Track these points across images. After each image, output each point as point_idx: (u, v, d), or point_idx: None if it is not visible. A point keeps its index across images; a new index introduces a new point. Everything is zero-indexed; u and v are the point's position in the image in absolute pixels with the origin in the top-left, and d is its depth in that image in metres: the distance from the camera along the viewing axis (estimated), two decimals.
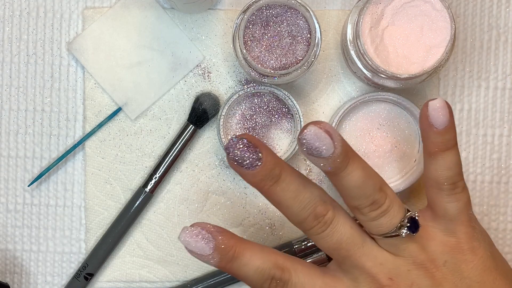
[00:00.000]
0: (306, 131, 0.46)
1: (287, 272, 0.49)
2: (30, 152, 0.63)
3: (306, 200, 0.48)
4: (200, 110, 0.60)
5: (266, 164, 0.47)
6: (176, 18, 0.62)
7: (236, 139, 0.46)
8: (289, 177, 0.48)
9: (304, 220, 0.48)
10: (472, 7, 0.63)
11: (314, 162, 0.48)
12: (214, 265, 0.49)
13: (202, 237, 0.48)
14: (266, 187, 0.48)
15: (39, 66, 0.63)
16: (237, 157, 0.46)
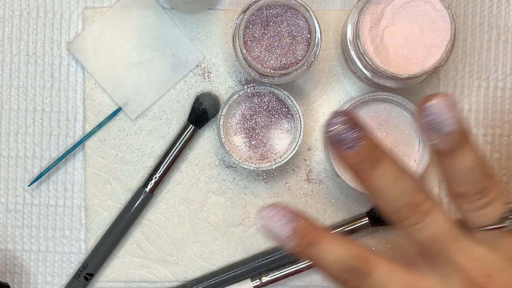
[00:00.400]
0: (435, 100, 0.43)
1: (369, 264, 0.46)
2: (30, 152, 0.63)
3: (404, 187, 0.45)
4: (200, 110, 0.60)
5: (366, 145, 0.44)
6: (176, 18, 0.62)
7: (339, 115, 0.43)
8: (388, 161, 0.45)
9: (399, 209, 0.45)
10: (472, 7, 0.63)
11: (430, 137, 0.44)
12: (291, 248, 0.46)
13: (282, 217, 0.45)
14: (364, 169, 0.44)
15: (39, 66, 0.63)
16: (338, 135, 0.43)
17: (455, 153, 0.45)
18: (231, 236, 0.63)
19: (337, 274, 0.46)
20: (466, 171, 0.45)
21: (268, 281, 0.61)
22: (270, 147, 0.60)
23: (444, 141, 0.44)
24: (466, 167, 0.45)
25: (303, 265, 0.61)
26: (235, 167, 0.63)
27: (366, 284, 0.46)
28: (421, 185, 0.46)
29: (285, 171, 0.63)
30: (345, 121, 0.43)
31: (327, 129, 0.43)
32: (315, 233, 0.46)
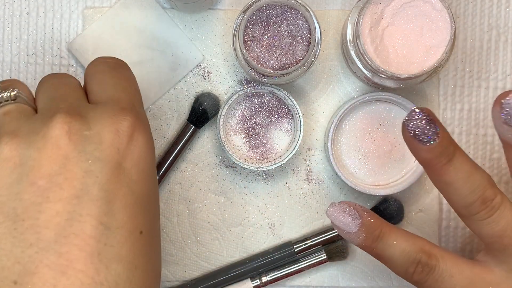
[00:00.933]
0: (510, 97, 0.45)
1: (434, 258, 0.48)
2: None
3: (477, 182, 0.46)
4: (200, 110, 0.60)
5: (443, 140, 0.45)
6: (176, 18, 0.62)
7: (419, 111, 0.45)
8: (462, 157, 0.46)
9: (471, 204, 0.46)
10: (472, 7, 0.63)
11: (504, 132, 0.46)
12: (359, 243, 0.49)
13: (349, 213, 0.49)
14: (439, 164, 0.46)
15: (39, 66, 0.63)
16: (417, 130, 0.45)
17: None
18: (231, 236, 0.63)
19: (403, 268, 0.48)
20: None
21: (268, 281, 0.61)
22: (270, 147, 0.60)
23: None
24: None
25: (303, 265, 0.61)
26: (235, 167, 0.63)
27: (431, 278, 0.48)
28: (491, 180, 0.47)
29: (285, 171, 0.63)
30: (424, 117, 0.45)
31: (407, 124, 0.45)
32: (382, 228, 0.49)
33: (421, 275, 0.48)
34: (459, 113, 0.63)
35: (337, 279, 0.63)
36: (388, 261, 0.49)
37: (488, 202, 0.46)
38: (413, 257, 0.48)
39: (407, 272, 0.49)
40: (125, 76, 0.49)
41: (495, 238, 0.47)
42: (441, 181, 0.47)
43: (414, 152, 0.47)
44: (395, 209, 0.61)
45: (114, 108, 0.45)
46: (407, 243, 0.48)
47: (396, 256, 0.48)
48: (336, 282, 0.63)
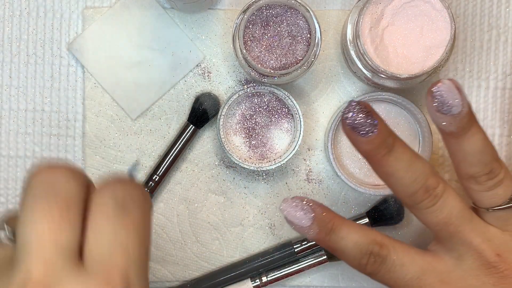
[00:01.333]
0: (441, 84, 0.46)
1: (385, 249, 0.48)
2: (30, 152, 0.63)
3: (418, 172, 0.47)
4: (200, 110, 0.60)
5: (381, 132, 0.46)
6: (176, 17, 0.62)
7: (355, 103, 0.46)
8: (402, 147, 0.47)
9: (414, 193, 0.47)
10: (472, 7, 0.63)
11: (438, 120, 0.46)
12: (313, 237, 0.49)
13: (302, 208, 0.49)
14: (379, 155, 0.47)
15: (39, 66, 0.63)
16: (355, 122, 0.46)
17: (464, 134, 0.47)
18: (231, 236, 0.63)
19: (357, 260, 0.49)
20: (475, 152, 0.47)
21: (268, 281, 0.61)
22: (270, 147, 0.60)
23: (453, 123, 0.46)
24: (475, 148, 0.47)
25: (303, 265, 0.61)
26: (235, 167, 0.63)
27: (383, 268, 0.48)
28: (433, 168, 0.48)
29: (285, 171, 0.63)
30: (361, 109, 0.46)
31: (345, 117, 0.46)
32: (334, 221, 0.49)
33: (374, 266, 0.48)
34: None
35: (337, 279, 0.63)
36: (341, 253, 0.50)
37: (431, 191, 0.47)
38: (365, 248, 0.48)
39: (361, 264, 0.49)
40: (133, 223, 0.36)
41: (441, 226, 0.48)
42: (382, 172, 0.48)
43: (354, 144, 0.47)
44: (395, 209, 0.61)
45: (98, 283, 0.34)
46: (359, 234, 0.49)
47: (349, 248, 0.49)
48: (336, 282, 0.63)
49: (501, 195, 0.48)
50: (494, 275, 0.47)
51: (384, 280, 0.49)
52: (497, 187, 0.48)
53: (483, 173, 0.48)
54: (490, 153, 0.48)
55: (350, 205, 0.63)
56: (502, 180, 0.48)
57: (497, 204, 0.48)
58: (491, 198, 0.48)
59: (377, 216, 0.61)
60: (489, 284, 0.47)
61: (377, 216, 0.61)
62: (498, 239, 0.48)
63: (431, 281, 0.48)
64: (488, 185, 0.48)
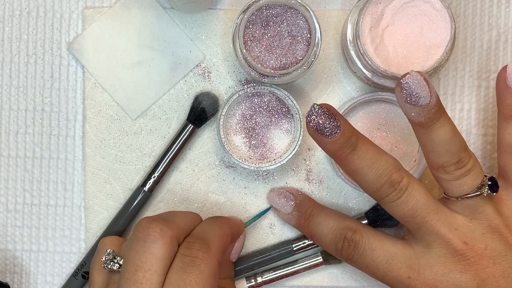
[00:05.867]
0: (409, 76, 0.48)
1: (358, 234, 0.52)
2: (30, 152, 0.63)
3: (382, 168, 0.49)
4: (199, 109, 0.60)
5: (344, 132, 0.48)
6: (176, 17, 0.62)
7: (318, 107, 0.48)
8: (365, 145, 0.49)
9: (380, 188, 0.49)
10: (472, 7, 0.63)
11: (408, 111, 0.48)
12: (294, 222, 0.54)
13: (285, 196, 0.56)
14: (344, 154, 0.49)
15: (39, 66, 0.63)
16: (318, 125, 0.48)
17: (432, 125, 0.49)
18: None
19: (333, 244, 0.53)
20: (443, 142, 0.49)
21: (263, 282, 0.61)
22: (270, 147, 0.60)
23: (421, 114, 0.48)
24: (443, 138, 0.49)
25: (298, 267, 0.61)
26: (235, 167, 0.63)
27: (356, 253, 0.52)
28: (397, 163, 0.50)
29: (285, 171, 0.63)
30: (323, 112, 0.48)
31: (308, 120, 0.48)
32: (313, 207, 0.55)
33: (348, 250, 0.52)
34: (459, 112, 0.63)
35: (337, 279, 0.63)
36: (319, 239, 0.54)
37: (396, 185, 0.49)
38: (339, 233, 0.52)
39: (337, 249, 0.52)
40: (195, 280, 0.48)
41: (408, 218, 0.50)
42: (348, 170, 0.50)
43: (319, 144, 0.50)
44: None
45: None
46: (335, 221, 0.53)
47: (325, 233, 0.53)
48: (336, 282, 0.63)
49: (469, 184, 0.50)
50: (461, 262, 0.49)
51: (358, 265, 0.52)
52: (465, 176, 0.49)
53: (451, 162, 0.49)
54: (458, 143, 0.49)
55: (350, 205, 0.63)
56: (470, 170, 0.49)
57: (465, 193, 0.50)
58: (459, 187, 0.50)
59: (376, 217, 0.61)
60: (456, 271, 0.50)
61: (376, 217, 0.61)
62: (465, 227, 0.50)
63: (399, 266, 0.51)
64: (456, 174, 0.49)
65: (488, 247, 0.50)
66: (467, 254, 0.49)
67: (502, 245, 0.50)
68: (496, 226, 0.50)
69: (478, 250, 0.50)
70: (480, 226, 0.50)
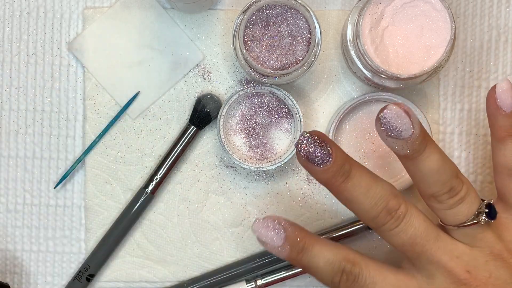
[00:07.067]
0: (387, 110, 0.45)
1: (357, 266, 0.48)
2: (30, 152, 0.63)
3: (378, 195, 0.47)
4: (204, 112, 0.60)
5: (336, 160, 0.46)
6: (176, 17, 0.62)
7: (308, 135, 0.46)
8: (359, 172, 0.47)
9: (376, 216, 0.47)
10: (472, 7, 0.63)
11: (391, 144, 0.46)
12: (285, 256, 0.48)
13: (273, 228, 0.48)
14: (337, 183, 0.47)
15: (39, 66, 0.63)
16: (308, 154, 0.46)
17: (418, 156, 0.47)
18: (231, 236, 0.63)
19: (329, 278, 0.49)
20: (432, 172, 0.47)
21: (263, 284, 0.61)
22: (270, 147, 0.60)
23: (405, 147, 0.46)
24: (432, 169, 0.47)
25: (298, 269, 0.61)
26: (235, 167, 0.63)
27: (356, 286, 0.48)
28: (393, 190, 0.48)
29: (285, 171, 0.63)
30: (314, 140, 0.46)
31: (298, 149, 0.46)
32: (305, 239, 0.48)
33: (347, 284, 0.48)
34: (459, 113, 0.63)
35: None
36: (314, 272, 0.49)
37: (393, 213, 0.47)
38: (337, 266, 0.48)
39: (333, 282, 0.48)
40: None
41: (407, 247, 0.48)
42: (343, 199, 0.48)
43: (311, 174, 0.48)
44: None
45: None
46: (331, 252, 0.48)
47: (321, 267, 0.48)
48: None
49: (464, 212, 0.48)
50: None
51: None
52: (459, 205, 0.47)
53: (443, 192, 0.47)
54: (448, 171, 0.47)
55: None
56: (464, 197, 0.47)
57: (462, 221, 0.48)
58: (455, 216, 0.48)
59: None
60: None
61: None
62: (467, 255, 0.48)
63: None
64: (449, 203, 0.47)
65: (492, 275, 0.48)
66: (471, 283, 0.47)
67: (506, 272, 0.48)
68: (498, 253, 0.48)
69: (482, 279, 0.47)
70: (482, 254, 0.48)
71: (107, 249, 0.62)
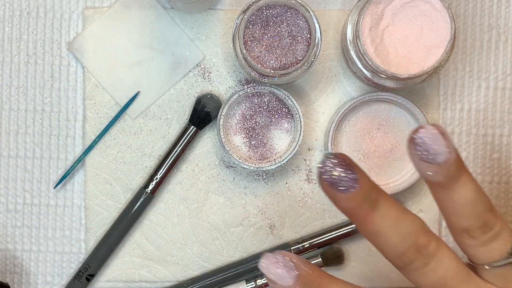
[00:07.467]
0: (423, 130, 0.41)
1: None
2: (30, 152, 0.63)
3: (407, 229, 0.42)
4: (204, 112, 0.60)
5: (363, 186, 0.41)
6: (176, 17, 0.62)
7: (332, 156, 0.41)
8: (387, 202, 0.42)
9: (404, 253, 0.42)
10: (472, 7, 0.63)
11: (423, 169, 0.42)
12: None
13: (284, 264, 0.42)
14: (363, 213, 0.41)
15: (39, 66, 0.63)
16: (333, 179, 0.40)
17: (453, 184, 0.42)
18: (231, 236, 0.63)
19: None
20: (466, 203, 0.42)
21: (263, 284, 0.61)
22: (270, 147, 0.60)
23: (439, 172, 0.41)
24: (466, 200, 0.42)
25: None
26: (235, 167, 0.63)
27: None
28: (423, 224, 0.43)
29: (285, 171, 0.63)
30: (339, 163, 0.41)
31: (322, 172, 0.41)
32: (320, 280, 0.43)
33: None
34: (459, 113, 0.63)
35: None
36: None
37: (423, 250, 0.42)
38: None
39: None
40: None
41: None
42: (368, 232, 0.43)
43: (334, 202, 0.42)
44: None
45: None
46: None
47: None
48: None
49: (498, 249, 0.43)
50: None
51: None
52: (493, 241, 0.43)
53: (476, 226, 0.42)
54: (483, 204, 0.43)
55: None
56: (499, 233, 0.43)
57: (494, 260, 0.43)
58: (487, 253, 0.43)
59: None
60: None
61: None
62: None
63: None
64: (483, 239, 0.43)
65: None
66: None
67: None
68: None
69: None
70: None
71: (107, 249, 0.62)
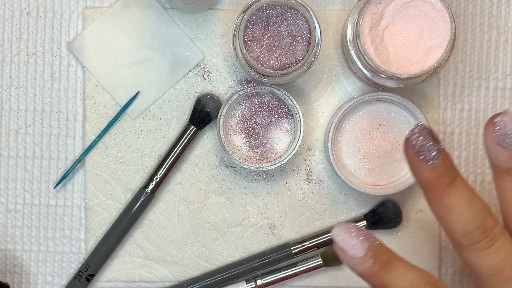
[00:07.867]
0: (503, 115, 0.42)
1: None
2: (30, 152, 0.63)
3: (478, 208, 0.43)
4: (204, 112, 0.60)
5: (446, 159, 0.42)
6: (176, 17, 0.62)
7: (423, 126, 0.43)
8: (463, 180, 0.43)
9: (472, 231, 0.43)
10: (472, 7, 0.63)
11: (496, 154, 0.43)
12: (364, 269, 0.44)
13: (357, 235, 0.43)
14: (442, 185, 0.43)
15: (39, 66, 0.63)
16: (421, 146, 0.42)
17: None
18: (231, 236, 0.63)
19: None
20: None
21: (263, 284, 0.61)
22: (270, 147, 0.60)
23: None
24: None
25: (299, 269, 0.61)
26: (235, 167, 0.63)
27: None
28: (489, 207, 0.44)
29: (285, 171, 0.63)
30: (429, 134, 0.42)
31: (411, 139, 0.42)
32: (390, 255, 0.44)
33: None
34: (459, 113, 0.63)
35: (337, 279, 0.63)
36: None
37: (489, 231, 0.43)
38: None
39: None
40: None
41: (495, 271, 0.44)
42: (442, 206, 0.44)
43: (415, 172, 0.44)
44: (393, 213, 0.61)
45: None
46: (416, 274, 0.44)
47: (405, 286, 0.44)
48: (336, 282, 0.63)
49: None
50: None
51: None
52: None
53: None
54: None
55: (350, 205, 0.63)
56: None
57: None
58: None
59: (375, 219, 0.61)
60: None
61: (375, 219, 0.61)
62: None
63: None
64: None
65: None
66: None
67: None
68: None
69: None
70: None
71: (107, 249, 0.62)
